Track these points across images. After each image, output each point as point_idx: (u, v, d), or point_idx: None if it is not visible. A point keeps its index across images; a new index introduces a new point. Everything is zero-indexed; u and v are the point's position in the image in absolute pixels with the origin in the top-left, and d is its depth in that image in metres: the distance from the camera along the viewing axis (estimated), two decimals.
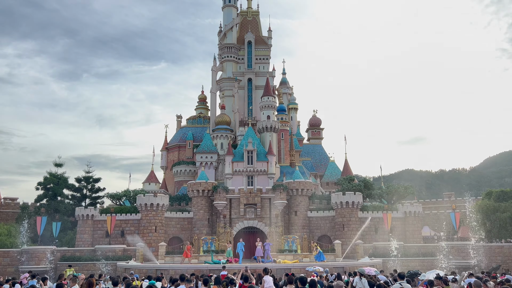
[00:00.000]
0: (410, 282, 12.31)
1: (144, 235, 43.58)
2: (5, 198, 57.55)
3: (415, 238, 44.65)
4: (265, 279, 14.00)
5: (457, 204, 59.50)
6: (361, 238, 42.08)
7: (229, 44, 61.01)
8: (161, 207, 44.75)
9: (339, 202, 44.83)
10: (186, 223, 46.91)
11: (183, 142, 60.60)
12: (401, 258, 37.39)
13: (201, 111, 65.67)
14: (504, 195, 53.62)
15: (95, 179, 53.48)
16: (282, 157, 54.33)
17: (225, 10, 63.63)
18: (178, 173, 57.59)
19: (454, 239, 44.88)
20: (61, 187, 51.16)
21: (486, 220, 51.85)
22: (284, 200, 46.40)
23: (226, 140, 54.80)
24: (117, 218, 44.11)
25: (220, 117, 57.03)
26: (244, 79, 60.47)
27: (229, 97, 60.18)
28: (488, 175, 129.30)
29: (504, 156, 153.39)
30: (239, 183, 47.80)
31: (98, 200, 53.55)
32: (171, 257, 40.94)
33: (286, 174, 50.53)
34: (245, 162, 48.54)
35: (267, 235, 43.76)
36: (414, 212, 45.70)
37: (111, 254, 38.85)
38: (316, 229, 46.68)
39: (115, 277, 13.06)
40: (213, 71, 60.64)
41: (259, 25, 63.29)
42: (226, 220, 45.60)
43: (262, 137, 52.37)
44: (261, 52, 61.49)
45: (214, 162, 52.78)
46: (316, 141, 66.43)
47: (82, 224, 44.52)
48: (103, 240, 43.98)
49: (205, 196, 47.10)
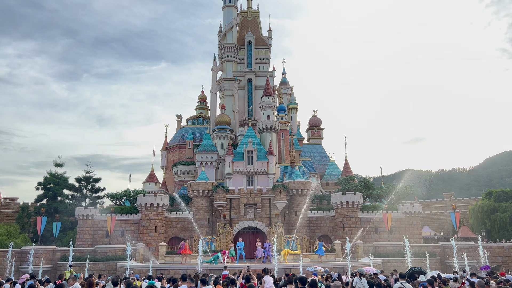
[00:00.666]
0: (410, 282, 12.29)
1: (144, 235, 43.58)
2: (5, 198, 57.58)
3: (415, 238, 44.61)
4: (265, 279, 13.97)
5: (457, 204, 59.57)
6: (361, 238, 42.07)
7: (229, 44, 61.00)
8: (161, 207, 44.75)
9: (339, 202, 44.82)
10: (186, 223, 46.91)
11: (183, 142, 60.62)
12: (401, 258, 37.34)
13: (201, 111, 65.70)
14: (504, 195, 53.68)
15: (95, 179, 53.49)
16: (282, 157, 54.32)
17: (225, 10, 63.64)
18: (178, 173, 57.59)
19: (454, 238, 44.83)
20: (61, 187, 51.16)
21: (486, 220, 51.92)
22: (284, 200, 46.39)
23: (226, 140, 54.80)
24: (117, 218, 44.10)
25: (220, 117, 57.03)
26: (244, 79, 60.46)
27: (229, 97, 60.18)
28: (488, 175, 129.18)
29: (504, 156, 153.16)
30: (239, 183, 47.80)
31: (98, 200, 53.55)
32: (171, 257, 40.89)
33: (286, 174, 50.54)
34: (245, 162, 48.53)
35: (267, 235, 43.73)
36: (414, 212, 45.69)
37: (111, 254, 38.84)
38: (316, 229, 46.66)
39: (115, 277, 13.04)
40: (213, 71, 60.65)
41: (259, 25, 63.29)
42: (226, 220, 45.57)
43: (262, 137, 52.37)
44: (261, 52, 61.48)
45: (214, 162, 52.77)
46: (316, 141, 66.44)
47: (82, 224, 44.50)
48: (103, 240, 43.97)
49: (205, 196, 47.09)
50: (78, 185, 52.99)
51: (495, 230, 50.57)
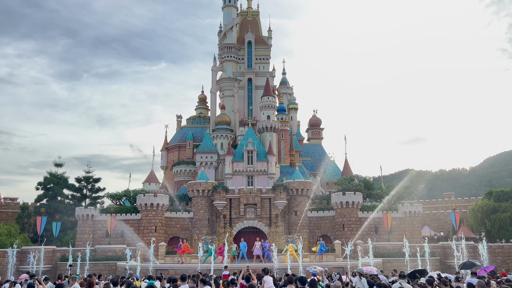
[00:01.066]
0: (411, 281, 12.30)
1: (144, 235, 43.57)
2: (5, 198, 57.62)
3: (415, 238, 44.59)
4: (265, 279, 13.97)
5: (457, 204, 59.60)
6: (361, 238, 42.05)
7: (229, 44, 60.98)
8: (161, 207, 44.74)
9: (339, 202, 44.81)
10: (186, 223, 46.90)
11: (183, 142, 60.60)
12: (401, 258, 37.29)
13: (201, 111, 65.68)
14: (504, 195, 53.71)
15: (95, 179, 53.52)
16: (282, 157, 54.31)
17: (225, 10, 63.62)
18: (178, 173, 57.58)
19: (453, 238, 44.80)
20: (61, 187, 51.20)
21: (486, 220, 51.95)
22: (284, 200, 46.38)
23: (226, 140, 54.79)
24: (117, 218, 44.10)
25: (220, 117, 57.02)
26: (244, 79, 60.45)
27: (229, 97, 60.16)
28: (488, 175, 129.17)
29: (504, 156, 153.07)
30: (239, 183, 47.79)
31: (98, 200, 53.62)
32: (171, 257, 40.87)
33: (286, 174, 50.52)
34: (245, 162, 48.53)
35: (267, 235, 43.74)
36: (414, 212, 45.67)
37: (111, 254, 38.83)
38: (316, 229, 46.66)
39: (115, 277, 13.02)
40: (213, 71, 60.63)
41: (259, 25, 63.27)
42: (226, 220, 45.58)
43: (262, 137, 52.36)
44: (261, 52, 61.45)
45: (214, 162, 52.75)
46: (316, 141, 66.41)
47: (82, 224, 44.51)
48: (103, 240, 43.96)
49: (205, 196, 47.08)
50: (78, 185, 53.04)
51: (495, 230, 50.60)
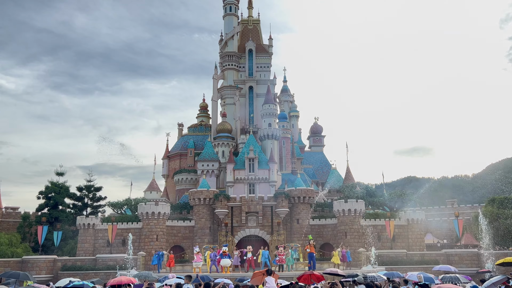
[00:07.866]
0: None
1: (146, 244, 43.38)
2: (6, 207, 57.53)
3: (418, 246, 44.33)
4: (267, 280, 14.14)
5: (460, 211, 59.20)
6: (363, 246, 41.80)
7: (230, 52, 61.24)
8: (162, 215, 44.60)
9: (341, 209, 44.58)
10: (188, 232, 46.72)
11: (184, 150, 60.61)
12: (404, 266, 37.05)
13: (202, 119, 65.80)
14: (507, 201, 53.31)
15: (96, 188, 53.49)
16: (284, 164, 54.23)
17: (226, 19, 63.97)
18: (180, 181, 57.51)
19: (457, 246, 44.56)
20: (62, 196, 51.13)
21: (489, 227, 51.56)
22: (286, 208, 46.20)
23: (228, 148, 54.77)
24: (118, 227, 43.96)
25: (221, 125, 57.05)
26: (245, 87, 60.59)
27: (231, 105, 60.26)
28: (491, 182, 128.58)
29: (507, 162, 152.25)
30: (241, 191, 47.64)
31: (99, 209, 53.49)
32: (181, 265, 40.65)
33: (287, 181, 50.37)
34: (246, 170, 48.45)
35: (269, 244, 43.51)
36: (417, 219, 45.39)
37: (112, 263, 38.66)
38: (318, 237, 46.37)
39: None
40: (214, 79, 60.82)
41: (259, 34, 63.57)
42: (228, 229, 45.39)
43: (264, 144, 52.32)
44: (262, 60, 61.63)
45: (215, 170, 52.68)
46: (318, 148, 66.37)
47: (83, 233, 44.37)
48: (104, 249, 43.80)
49: (206, 204, 46.91)
50: (79, 194, 52.98)
51: (499, 237, 50.19)
